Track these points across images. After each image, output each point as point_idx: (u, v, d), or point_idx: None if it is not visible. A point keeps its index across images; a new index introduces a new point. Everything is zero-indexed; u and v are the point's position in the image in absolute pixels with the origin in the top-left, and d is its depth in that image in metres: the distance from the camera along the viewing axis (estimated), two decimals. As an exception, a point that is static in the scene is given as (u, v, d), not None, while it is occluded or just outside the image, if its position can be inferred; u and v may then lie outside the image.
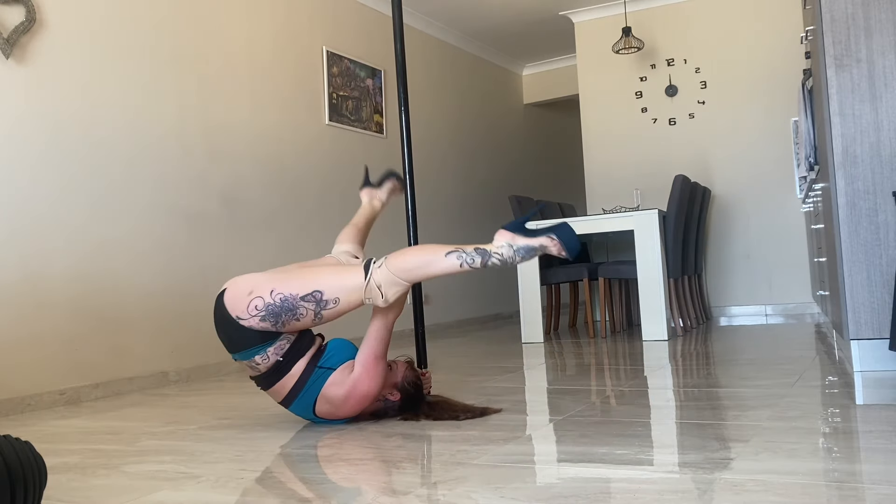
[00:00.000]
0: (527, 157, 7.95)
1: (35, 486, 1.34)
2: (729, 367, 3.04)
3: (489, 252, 2.09)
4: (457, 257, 2.08)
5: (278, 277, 2.20)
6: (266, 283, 2.18)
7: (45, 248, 3.29)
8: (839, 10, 2.50)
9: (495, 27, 6.65)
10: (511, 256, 2.09)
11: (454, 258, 2.08)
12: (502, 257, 2.09)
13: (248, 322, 2.17)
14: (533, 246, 2.09)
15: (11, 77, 3.24)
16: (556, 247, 2.07)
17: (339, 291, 2.15)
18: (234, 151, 4.33)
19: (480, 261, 2.09)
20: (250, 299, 2.17)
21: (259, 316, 2.16)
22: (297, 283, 2.17)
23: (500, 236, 2.12)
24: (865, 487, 1.34)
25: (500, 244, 2.10)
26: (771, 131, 5.68)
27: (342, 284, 2.15)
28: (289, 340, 2.23)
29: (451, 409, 2.31)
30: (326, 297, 2.15)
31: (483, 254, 2.09)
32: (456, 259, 2.08)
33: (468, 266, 2.08)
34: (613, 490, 1.44)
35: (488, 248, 2.10)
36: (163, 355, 3.77)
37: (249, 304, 2.17)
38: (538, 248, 2.09)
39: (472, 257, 2.08)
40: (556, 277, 5.04)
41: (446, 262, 2.09)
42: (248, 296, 2.18)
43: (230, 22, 4.38)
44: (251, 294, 2.18)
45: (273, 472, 1.77)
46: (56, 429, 2.64)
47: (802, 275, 5.56)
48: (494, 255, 2.09)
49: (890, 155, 2.45)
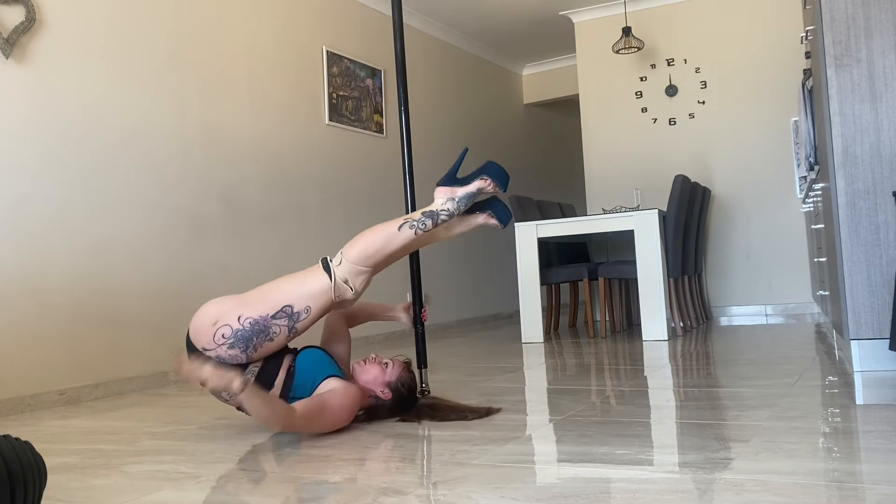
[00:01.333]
0: (527, 157, 7.94)
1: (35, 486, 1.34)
2: (729, 367, 3.04)
3: (436, 212, 2.23)
4: (409, 226, 2.19)
5: (243, 302, 2.15)
6: (232, 311, 2.13)
7: (45, 247, 3.29)
8: (839, 10, 2.50)
9: (495, 27, 6.65)
10: (456, 208, 2.24)
11: (407, 228, 2.19)
12: (448, 211, 2.24)
13: (214, 352, 2.12)
14: (471, 192, 2.25)
15: (11, 77, 3.24)
16: (490, 185, 2.25)
17: (307, 300, 2.15)
18: (234, 151, 4.33)
19: (431, 222, 2.22)
20: (216, 329, 2.12)
21: (227, 344, 2.11)
22: (262, 303, 2.13)
23: (439, 193, 2.26)
24: (865, 487, 1.34)
25: (442, 200, 2.25)
26: (771, 131, 5.68)
27: (309, 291, 2.15)
28: (253, 374, 2.17)
29: (455, 410, 2.30)
30: (297, 308, 2.14)
31: (431, 215, 2.22)
32: (409, 228, 2.19)
33: (422, 231, 2.20)
34: (613, 490, 1.44)
35: (433, 207, 2.24)
36: (163, 355, 3.77)
37: (216, 334, 2.12)
38: (475, 192, 2.26)
39: (422, 222, 2.20)
40: (556, 277, 5.04)
41: (401, 235, 2.19)
42: (213, 326, 2.13)
43: (230, 22, 4.38)
44: (216, 324, 2.12)
45: (273, 473, 1.77)
46: (56, 429, 2.64)
47: (802, 275, 5.56)
48: (441, 213, 2.23)
49: (890, 155, 2.45)
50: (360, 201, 5.35)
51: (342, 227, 5.15)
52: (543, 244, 5.22)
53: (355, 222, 5.27)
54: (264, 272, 4.43)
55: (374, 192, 5.51)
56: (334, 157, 5.14)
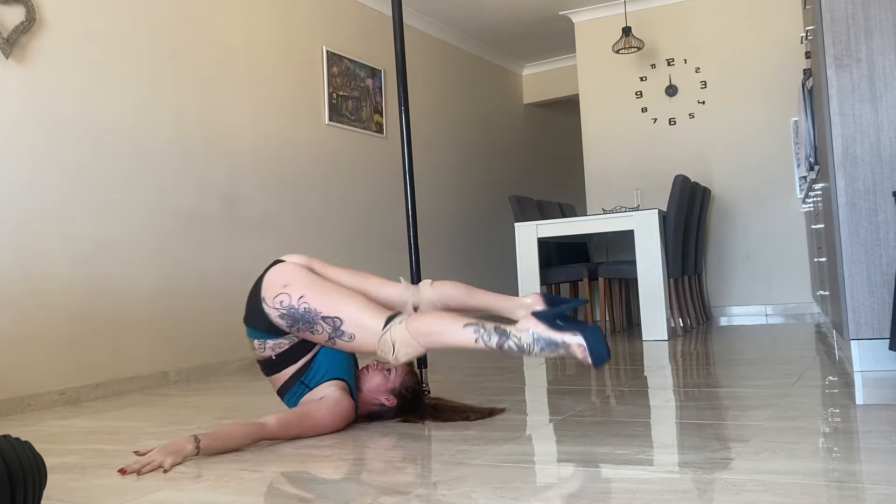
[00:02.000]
0: (527, 157, 7.94)
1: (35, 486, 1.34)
2: (729, 367, 3.04)
3: (509, 333, 1.93)
4: (474, 331, 1.95)
5: (316, 284, 2.14)
6: (300, 286, 2.13)
7: (45, 247, 3.29)
8: (839, 10, 2.50)
9: (495, 27, 6.65)
10: (530, 345, 1.91)
11: (471, 332, 1.96)
12: (520, 342, 1.92)
13: (268, 310, 2.15)
14: (555, 340, 1.90)
15: (11, 77, 3.24)
16: (581, 351, 1.87)
17: (356, 328, 2.08)
18: (234, 152, 4.33)
19: (497, 341, 1.93)
20: (280, 292, 2.14)
21: (279, 313, 2.14)
22: (326, 299, 2.11)
23: (524, 321, 1.95)
24: (865, 487, 1.34)
25: (523, 328, 1.93)
26: (771, 131, 5.68)
27: (362, 323, 2.07)
28: (290, 343, 2.21)
29: (458, 410, 2.30)
30: (344, 327, 2.09)
31: (501, 334, 1.93)
32: (473, 333, 1.95)
33: (483, 344, 1.94)
34: (613, 490, 1.44)
35: (509, 329, 1.94)
36: (163, 355, 3.77)
37: (277, 297, 2.14)
38: (561, 344, 1.89)
39: (489, 334, 1.94)
40: (557, 277, 5.04)
41: (462, 334, 1.96)
42: (282, 287, 2.14)
43: (230, 22, 4.38)
44: (284, 287, 2.14)
45: (273, 473, 1.77)
46: (56, 429, 2.64)
47: (802, 275, 5.56)
48: (513, 338, 1.92)
49: (890, 155, 2.45)
50: (360, 201, 5.35)
51: (342, 227, 5.15)
52: (543, 244, 5.22)
53: (355, 222, 5.27)
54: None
55: (374, 192, 5.51)
56: (334, 157, 5.14)
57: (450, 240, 6.38)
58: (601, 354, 1.85)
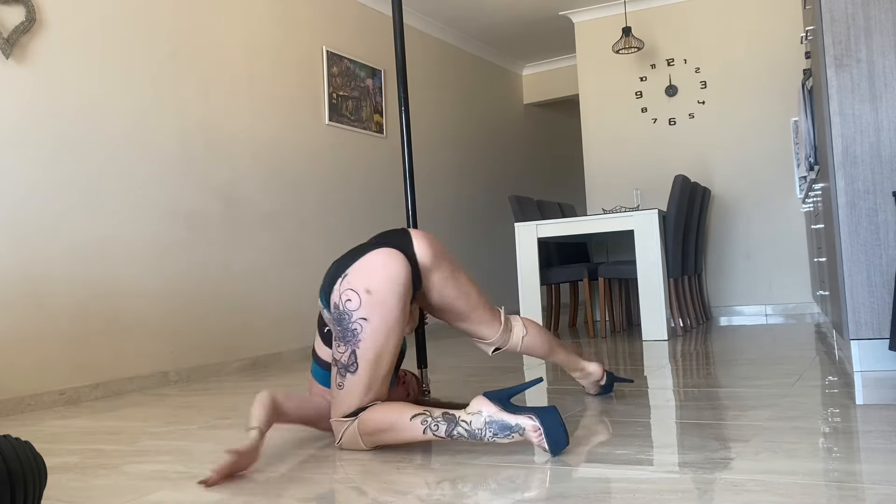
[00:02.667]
0: (527, 157, 7.95)
1: (35, 486, 1.34)
2: (729, 367, 3.04)
3: (457, 419, 1.75)
4: (421, 422, 1.78)
5: (389, 324, 1.89)
6: (375, 311, 1.88)
7: (45, 247, 3.29)
8: (839, 10, 2.50)
9: (495, 27, 6.65)
10: (480, 429, 1.72)
11: (418, 423, 1.79)
12: (470, 428, 1.73)
13: (333, 295, 1.92)
14: (509, 424, 1.70)
15: (11, 77, 3.24)
16: (537, 436, 1.69)
17: (346, 390, 1.90)
18: (234, 152, 4.33)
19: (445, 429, 1.76)
20: (357, 289, 1.88)
21: (335, 303, 1.91)
22: (372, 347, 1.88)
23: (476, 402, 1.77)
24: (865, 487, 1.34)
25: (474, 411, 1.75)
26: (771, 131, 5.68)
27: (351, 393, 1.89)
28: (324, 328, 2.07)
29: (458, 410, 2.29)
30: (347, 378, 1.90)
31: (450, 421, 1.76)
32: (420, 424, 1.79)
33: (432, 434, 1.77)
34: (613, 490, 1.44)
35: (458, 414, 1.76)
36: (163, 355, 3.77)
37: (348, 290, 1.89)
38: (515, 428, 1.70)
39: (436, 423, 1.77)
40: (557, 277, 5.04)
41: (410, 427, 1.80)
42: (364, 289, 1.88)
43: (230, 22, 4.38)
44: (367, 292, 1.88)
45: (272, 472, 1.77)
46: (56, 429, 2.64)
47: (802, 275, 5.56)
48: (461, 424, 1.74)
49: (890, 155, 2.45)
50: (359, 201, 5.35)
51: (342, 227, 5.15)
52: (543, 244, 5.22)
53: (355, 222, 5.27)
54: (265, 272, 4.44)
55: (374, 192, 5.51)
56: (334, 157, 5.14)
57: (450, 240, 6.38)
58: (559, 439, 1.69)
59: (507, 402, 1.75)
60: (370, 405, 1.90)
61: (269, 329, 4.44)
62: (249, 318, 4.31)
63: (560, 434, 1.69)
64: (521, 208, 5.15)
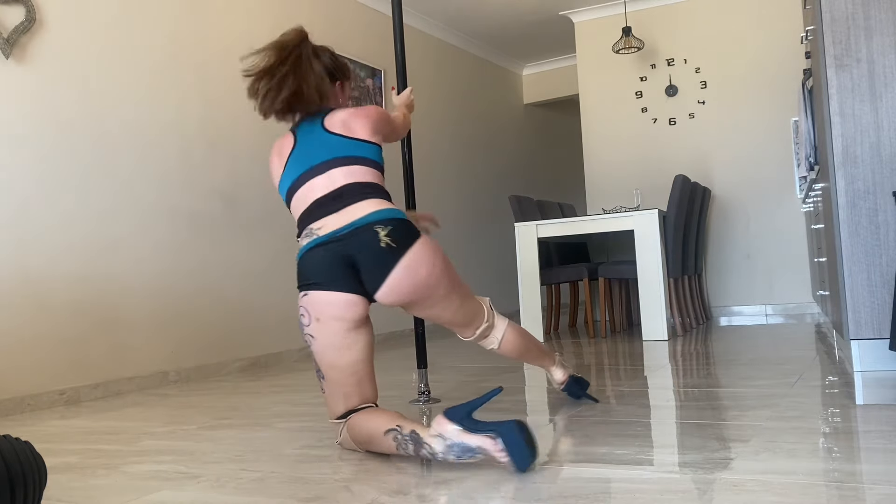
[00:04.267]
0: (527, 157, 7.94)
1: (35, 486, 1.34)
2: (729, 367, 3.04)
3: (422, 441, 1.69)
4: (393, 438, 1.76)
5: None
6: (316, 330, 1.91)
7: (46, 248, 3.29)
8: (839, 10, 2.50)
9: (495, 27, 6.65)
10: (443, 452, 1.65)
11: (391, 439, 1.77)
12: (433, 451, 1.66)
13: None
14: (470, 446, 1.61)
15: (11, 77, 3.24)
16: (502, 455, 1.59)
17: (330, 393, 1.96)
18: (234, 151, 4.33)
19: (413, 449, 1.72)
20: (305, 312, 1.93)
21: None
22: (318, 357, 1.93)
23: (436, 424, 1.68)
24: (865, 487, 1.34)
25: (435, 434, 1.67)
26: (771, 131, 5.68)
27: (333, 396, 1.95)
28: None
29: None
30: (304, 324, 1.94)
31: (416, 441, 1.71)
32: (392, 441, 1.77)
33: (404, 451, 1.75)
34: (613, 490, 1.44)
35: (423, 435, 1.70)
36: (163, 355, 3.77)
37: (301, 307, 1.94)
38: (476, 449, 1.61)
39: (406, 442, 1.74)
40: (557, 277, 5.04)
41: (384, 441, 1.79)
42: (313, 318, 1.91)
43: (230, 22, 4.38)
44: (315, 319, 1.91)
45: (273, 473, 1.77)
46: (56, 429, 2.64)
47: (802, 275, 5.56)
48: (426, 446, 1.68)
49: (890, 155, 2.45)
50: (360, 201, 5.34)
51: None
52: (543, 244, 5.22)
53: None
54: (265, 272, 4.43)
55: (374, 192, 5.50)
56: (334, 157, 5.13)
57: (450, 240, 6.38)
58: (523, 456, 1.58)
59: (467, 420, 1.64)
60: (360, 408, 1.94)
61: (269, 329, 4.44)
62: (249, 318, 4.30)
63: (523, 450, 1.58)
64: (521, 208, 5.15)
